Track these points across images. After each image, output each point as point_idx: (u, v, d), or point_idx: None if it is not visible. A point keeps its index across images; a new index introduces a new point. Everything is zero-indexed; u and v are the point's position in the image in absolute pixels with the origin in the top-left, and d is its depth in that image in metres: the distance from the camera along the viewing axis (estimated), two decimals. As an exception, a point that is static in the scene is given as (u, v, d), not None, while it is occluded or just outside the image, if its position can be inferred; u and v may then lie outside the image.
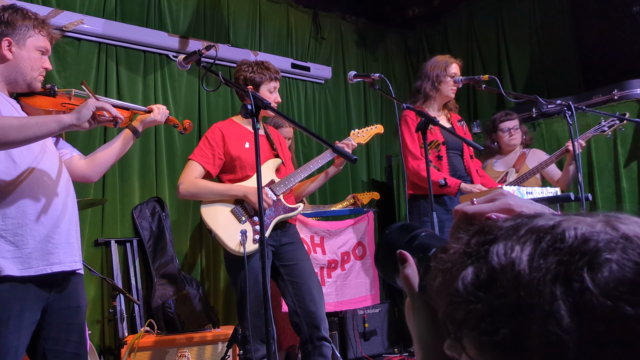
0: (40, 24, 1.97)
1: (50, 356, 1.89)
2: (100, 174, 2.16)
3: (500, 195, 0.62)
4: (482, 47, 5.46)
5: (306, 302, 2.57)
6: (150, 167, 4.04)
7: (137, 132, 2.17)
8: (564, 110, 2.81)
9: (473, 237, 0.52)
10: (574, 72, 4.82)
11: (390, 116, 5.72)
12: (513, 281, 0.46)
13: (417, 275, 0.62)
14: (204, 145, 2.66)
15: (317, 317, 2.57)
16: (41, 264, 1.82)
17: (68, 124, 1.77)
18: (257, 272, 2.48)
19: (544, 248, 0.46)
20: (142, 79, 4.11)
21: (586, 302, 0.43)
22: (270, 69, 2.74)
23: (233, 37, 4.71)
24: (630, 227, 0.47)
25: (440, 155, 3.26)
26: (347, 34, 5.62)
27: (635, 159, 3.70)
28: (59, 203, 1.90)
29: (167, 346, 2.96)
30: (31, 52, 1.95)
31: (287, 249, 2.65)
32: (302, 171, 2.70)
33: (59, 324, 1.90)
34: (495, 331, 0.46)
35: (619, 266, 0.44)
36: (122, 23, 4.03)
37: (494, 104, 5.27)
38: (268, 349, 1.70)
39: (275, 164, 2.73)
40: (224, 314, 4.14)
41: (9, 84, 1.95)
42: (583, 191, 2.63)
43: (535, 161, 3.71)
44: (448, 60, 3.33)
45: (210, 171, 2.63)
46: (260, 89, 2.70)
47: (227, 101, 4.54)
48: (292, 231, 2.72)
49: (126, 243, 3.80)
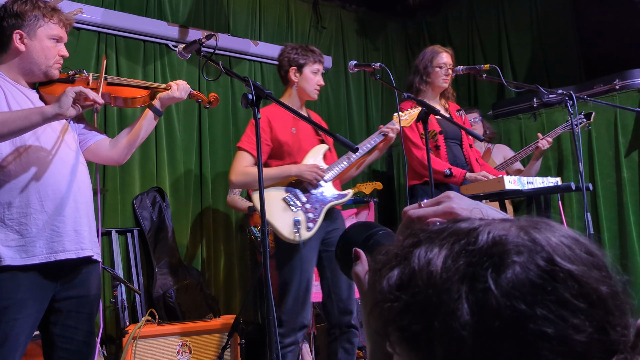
0: (50, 12, 1.96)
1: (59, 341, 1.90)
2: (126, 156, 2.15)
3: (445, 199, 0.66)
4: (483, 36, 5.44)
5: (342, 289, 2.63)
6: (150, 157, 4.04)
7: (158, 110, 2.15)
8: (565, 100, 2.80)
9: (405, 240, 0.55)
10: (575, 62, 4.80)
11: (390, 105, 5.71)
12: (426, 281, 0.49)
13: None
14: (251, 132, 2.66)
15: (351, 304, 2.65)
16: (45, 252, 1.83)
17: (51, 114, 1.76)
18: (309, 258, 2.55)
19: (457, 250, 0.50)
20: (142, 69, 4.09)
21: (486, 300, 0.46)
22: (315, 51, 2.78)
23: (233, 26, 4.69)
24: (544, 234, 0.50)
25: (438, 145, 3.25)
26: (348, 23, 5.59)
27: (636, 148, 3.70)
28: (64, 191, 1.90)
29: (168, 335, 2.98)
30: (44, 42, 1.95)
31: (331, 235, 2.67)
32: (349, 157, 2.68)
33: (68, 311, 1.91)
34: (409, 327, 0.49)
35: (523, 269, 0.47)
36: (122, 12, 4.01)
37: (495, 94, 5.25)
38: (269, 336, 1.70)
39: (321, 150, 2.72)
40: (225, 304, 4.16)
41: (25, 75, 1.97)
42: (584, 181, 2.62)
43: (500, 156, 3.72)
44: (436, 50, 3.31)
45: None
46: (303, 70, 2.74)
47: (227, 91, 4.53)
48: (337, 217, 2.74)
49: (127, 233, 3.81)
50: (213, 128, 4.41)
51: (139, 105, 2.16)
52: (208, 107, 2.39)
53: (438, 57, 3.28)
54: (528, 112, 4.23)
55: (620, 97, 3.75)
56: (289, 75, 2.76)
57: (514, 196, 2.82)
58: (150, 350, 2.93)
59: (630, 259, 3.66)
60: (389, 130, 2.73)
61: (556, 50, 4.90)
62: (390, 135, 2.73)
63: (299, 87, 2.76)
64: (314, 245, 2.61)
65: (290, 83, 2.77)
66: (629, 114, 3.56)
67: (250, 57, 4.70)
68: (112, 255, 3.68)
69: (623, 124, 3.72)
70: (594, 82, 3.99)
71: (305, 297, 2.54)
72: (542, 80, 4.81)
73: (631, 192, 3.69)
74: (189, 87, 2.21)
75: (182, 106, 4.26)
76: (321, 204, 2.61)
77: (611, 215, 3.78)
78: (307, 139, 2.72)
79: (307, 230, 2.55)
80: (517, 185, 2.69)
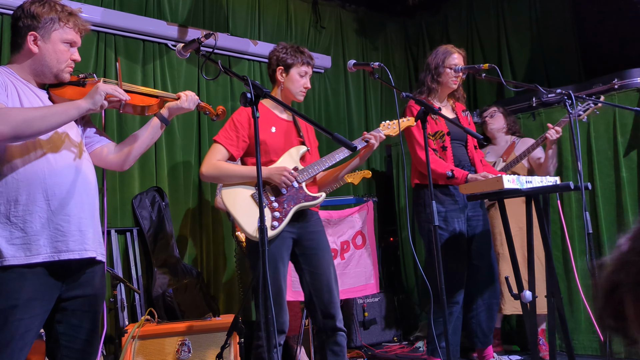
0: (66, 17, 1.98)
1: (63, 340, 1.92)
2: (131, 163, 2.15)
3: None
4: (482, 35, 5.44)
5: (323, 292, 2.56)
6: (149, 157, 4.04)
7: (165, 119, 2.16)
8: (564, 99, 2.80)
9: None
10: (574, 61, 4.80)
11: (390, 105, 5.72)
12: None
13: None
14: (229, 127, 2.63)
15: (333, 307, 2.57)
16: (49, 251, 1.84)
17: (86, 109, 1.87)
18: (275, 257, 2.47)
19: None
20: (141, 68, 4.09)
21: None
22: (305, 53, 2.73)
23: (232, 26, 4.69)
24: None
25: (445, 145, 3.26)
26: (347, 23, 5.59)
27: (634, 148, 3.70)
28: (70, 190, 1.91)
29: (167, 335, 2.98)
30: (57, 45, 1.97)
31: (307, 238, 2.61)
32: (327, 160, 2.64)
33: (73, 310, 1.92)
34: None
35: None
36: (121, 12, 4.01)
37: (494, 93, 5.26)
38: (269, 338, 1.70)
39: (299, 151, 2.68)
40: (224, 303, 4.16)
41: (36, 76, 1.98)
42: (582, 180, 2.63)
43: (523, 149, 3.72)
44: (449, 51, 3.31)
45: (233, 153, 2.60)
46: (290, 71, 2.69)
47: (227, 90, 4.53)
48: (314, 220, 2.68)
49: (126, 232, 3.81)
50: (212, 128, 4.40)
51: (148, 113, 2.17)
52: (215, 120, 2.39)
53: (450, 58, 3.28)
54: (527, 112, 4.23)
55: (619, 96, 3.75)
56: (276, 74, 2.72)
57: (512, 195, 2.82)
58: (149, 350, 2.93)
59: (629, 258, 3.65)
60: (371, 137, 2.66)
61: (555, 50, 4.90)
62: (372, 142, 2.65)
63: (284, 88, 2.72)
64: (285, 244, 2.54)
65: (277, 82, 2.73)
66: (628, 113, 3.56)
67: (250, 57, 4.70)
68: (111, 255, 3.68)
69: (622, 124, 3.72)
70: (593, 81, 3.99)
71: (276, 298, 2.40)
72: (541, 80, 4.82)
73: (630, 192, 3.69)
74: (197, 98, 2.22)
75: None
76: (290, 204, 2.56)
77: (610, 215, 3.78)
78: (286, 139, 2.67)
79: (271, 229, 2.48)
80: (516, 184, 2.70)
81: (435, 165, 3.15)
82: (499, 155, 3.90)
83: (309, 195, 2.59)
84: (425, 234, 3.25)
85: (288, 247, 2.57)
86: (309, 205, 2.60)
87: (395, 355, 4.17)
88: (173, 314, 3.57)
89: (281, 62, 2.69)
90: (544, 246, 2.80)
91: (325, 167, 2.65)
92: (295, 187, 2.58)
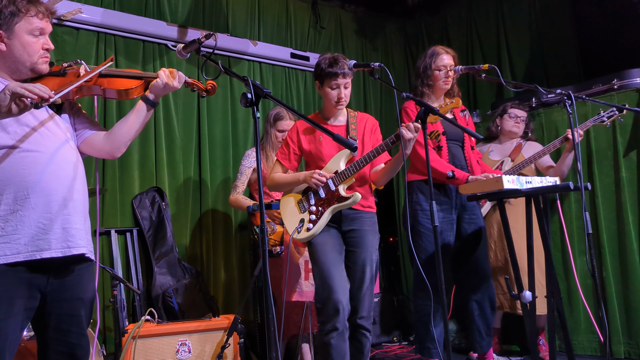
0: (25, 6, 1.88)
1: (52, 343, 1.90)
2: (122, 150, 2.09)
3: None
4: (482, 36, 5.44)
5: (354, 287, 2.70)
6: (149, 157, 4.04)
7: (149, 100, 2.07)
8: (563, 99, 2.80)
9: None
10: (573, 62, 4.80)
11: (389, 105, 5.72)
12: None
13: None
14: (284, 143, 2.91)
15: (358, 303, 2.69)
16: (30, 250, 1.80)
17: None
18: (323, 250, 2.68)
19: None
20: (141, 69, 4.09)
21: None
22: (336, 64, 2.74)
23: (232, 26, 4.69)
24: None
25: (440, 145, 3.25)
26: (347, 23, 5.59)
27: (634, 148, 3.70)
28: (52, 188, 1.86)
29: (167, 335, 2.98)
30: (23, 38, 1.89)
31: (351, 235, 2.77)
32: (362, 160, 2.70)
33: (60, 314, 1.89)
34: None
35: None
36: (121, 12, 4.01)
37: (494, 94, 5.26)
38: (269, 336, 1.70)
39: (343, 156, 2.78)
40: (224, 303, 4.16)
41: (13, 74, 1.92)
42: (582, 180, 2.63)
43: (531, 152, 3.71)
44: (437, 52, 3.29)
45: (286, 166, 2.88)
46: (323, 85, 2.80)
47: (227, 90, 4.53)
48: (359, 218, 2.79)
49: (126, 233, 3.81)
50: (212, 128, 4.41)
51: (133, 96, 2.08)
52: (205, 96, 2.34)
53: (437, 59, 3.26)
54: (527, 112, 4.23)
55: (619, 96, 3.75)
56: (317, 87, 2.88)
57: (512, 196, 2.82)
58: (149, 350, 2.93)
59: (629, 258, 3.66)
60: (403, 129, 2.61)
61: (555, 50, 4.90)
62: (403, 132, 2.60)
63: (323, 99, 2.88)
64: (333, 241, 2.72)
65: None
66: (628, 113, 3.56)
67: (249, 57, 4.70)
68: (111, 255, 3.68)
69: (621, 124, 3.72)
70: (592, 81, 3.99)
71: (328, 280, 2.61)
72: (541, 80, 4.82)
73: (630, 192, 3.70)
74: (184, 75, 2.14)
75: (181, 106, 4.26)
76: (325, 207, 2.72)
77: (610, 215, 3.78)
78: (327, 146, 2.81)
79: (306, 230, 2.71)
80: (516, 184, 2.70)
81: (437, 164, 3.14)
82: (505, 155, 3.88)
83: (341, 196, 2.71)
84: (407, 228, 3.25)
85: (338, 243, 2.75)
86: (342, 207, 2.72)
87: (395, 356, 4.17)
88: (173, 314, 3.57)
89: (316, 77, 2.84)
90: (543, 246, 2.80)
91: (360, 168, 2.70)
92: (332, 189, 2.71)
